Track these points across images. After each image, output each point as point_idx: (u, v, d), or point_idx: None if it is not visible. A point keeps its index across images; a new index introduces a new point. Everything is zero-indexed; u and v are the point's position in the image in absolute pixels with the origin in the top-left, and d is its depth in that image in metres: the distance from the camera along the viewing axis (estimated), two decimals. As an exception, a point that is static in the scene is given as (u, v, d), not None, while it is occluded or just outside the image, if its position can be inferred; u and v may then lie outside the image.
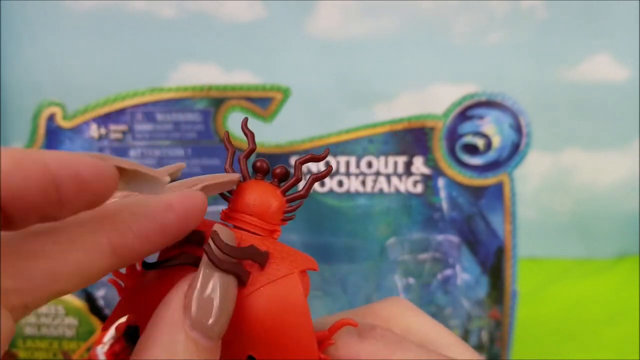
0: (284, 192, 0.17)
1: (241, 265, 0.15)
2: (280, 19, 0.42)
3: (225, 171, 0.18)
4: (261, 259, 0.16)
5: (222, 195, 0.17)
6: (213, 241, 0.15)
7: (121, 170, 0.14)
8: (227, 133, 0.18)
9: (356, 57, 0.46)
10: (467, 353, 0.19)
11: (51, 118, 0.39)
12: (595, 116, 0.50)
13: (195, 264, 0.15)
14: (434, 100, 0.47)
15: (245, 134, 0.18)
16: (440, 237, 0.39)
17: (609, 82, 0.48)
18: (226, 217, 0.17)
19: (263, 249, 0.16)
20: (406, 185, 0.39)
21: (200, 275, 0.15)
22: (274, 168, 0.18)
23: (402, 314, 0.20)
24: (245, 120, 0.18)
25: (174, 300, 0.14)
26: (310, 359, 0.16)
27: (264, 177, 0.18)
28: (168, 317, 0.14)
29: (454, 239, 0.39)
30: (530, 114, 0.37)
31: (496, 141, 0.38)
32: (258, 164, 0.18)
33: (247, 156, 0.18)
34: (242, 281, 0.15)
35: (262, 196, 0.17)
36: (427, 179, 0.39)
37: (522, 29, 0.46)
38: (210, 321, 0.14)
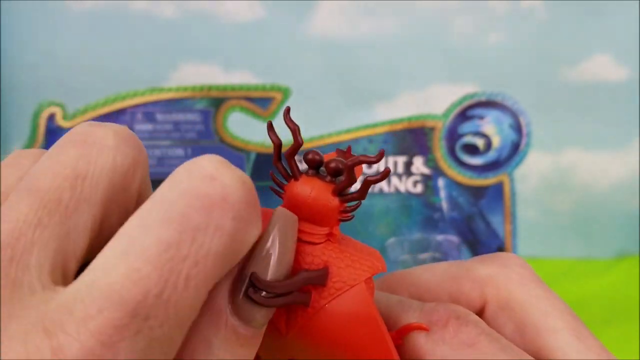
0: (339, 193, 0.15)
1: (297, 292, 0.14)
2: (280, 19, 0.42)
3: (275, 166, 0.16)
4: (319, 279, 0.14)
5: (273, 190, 0.16)
6: (253, 283, 0.13)
7: None
8: (270, 122, 0.16)
9: (356, 57, 0.46)
10: (574, 343, 0.15)
11: (51, 118, 0.39)
12: (595, 116, 0.50)
13: None
14: (434, 100, 0.47)
15: (290, 128, 0.16)
16: (440, 237, 0.39)
17: (609, 82, 0.48)
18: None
19: (321, 261, 0.15)
20: (406, 185, 0.39)
21: None
22: (326, 162, 0.15)
23: (505, 282, 0.17)
24: (288, 110, 0.16)
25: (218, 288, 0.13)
26: None
27: (318, 172, 0.16)
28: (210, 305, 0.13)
29: (454, 239, 0.39)
30: (530, 114, 0.37)
31: (496, 141, 0.38)
32: (310, 156, 0.15)
33: (294, 153, 0.16)
34: (304, 304, 0.14)
35: (318, 195, 0.15)
36: (427, 179, 0.39)
37: (522, 29, 0.46)
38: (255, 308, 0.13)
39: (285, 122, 0.16)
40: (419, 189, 0.39)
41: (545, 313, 0.16)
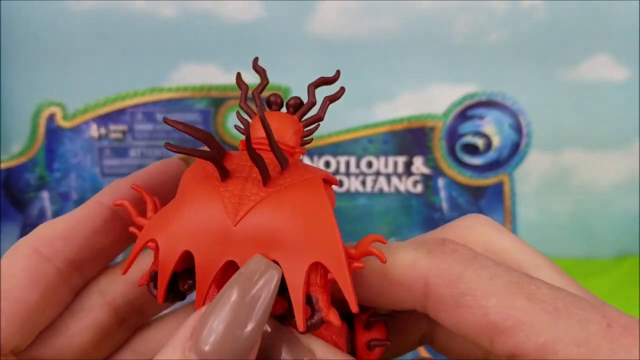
0: (300, 117, 0.17)
1: (264, 162, 0.14)
2: (280, 19, 0.42)
3: (240, 107, 0.17)
4: (283, 159, 0.15)
5: (237, 128, 0.17)
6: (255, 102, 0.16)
7: None
8: (239, 73, 0.18)
9: (356, 57, 0.46)
10: (556, 276, 0.16)
11: (51, 118, 0.39)
12: (595, 116, 0.50)
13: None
14: (434, 100, 0.47)
15: (257, 71, 0.18)
16: (440, 237, 0.39)
17: (609, 82, 0.48)
18: (244, 147, 0.16)
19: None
20: (406, 185, 0.39)
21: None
22: (287, 100, 0.18)
23: (483, 231, 0.18)
24: (256, 60, 0.18)
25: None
26: (337, 264, 0.14)
27: (279, 110, 0.18)
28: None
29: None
30: (530, 114, 0.37)
31: (496, 141, 0.38)
32: (272, 97, 0.18)
33: (261, 91, 0.18)
34: (263, 177, 0.15)
35: (279, 122, 0.17)
36: (427, 179, 0.39)
37: (522, 29, 0.46)
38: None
39: (254, 67, 0.18)
40: (419, 189, 0.39)
41: (524, 252, 0.17)
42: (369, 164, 0.39)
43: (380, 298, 0.16)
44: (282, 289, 0.14)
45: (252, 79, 0.18)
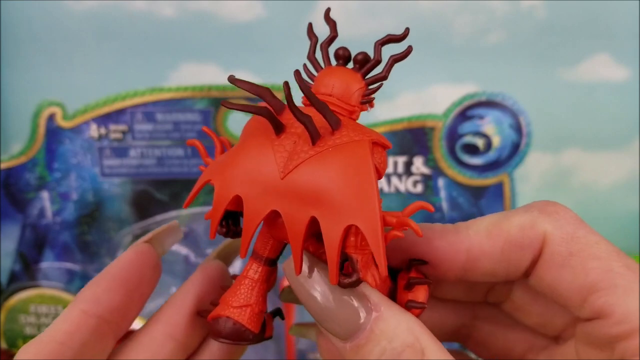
0: (364, 75, 0.17)
1: (312, 122, 0.15)
2: (280, 19, 0.42)
3: (308, 59, 0.18)
4: (333, 120, 0.16)
5: (299, 83, 0.17)
6: (295, 77, 0.15)
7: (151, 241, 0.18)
8: (310, 24, 0.18)
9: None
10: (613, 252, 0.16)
11: (51, 118, 0.39)
12: (595, 116, 0.50)
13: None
14: (434, 100, 0.47)
15: (328, 22, 0.18)
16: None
17: (609, 82, 0.48)
18: (307, 102, 0.17)
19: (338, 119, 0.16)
20: (406, 185, 0.39)
21: None
22: (355, 55, 0.18)
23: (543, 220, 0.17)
24: (328, 10, 0.19)
25: None
26: (372, 229, 0.14)
27: (345, 64, 0.18)
28: None
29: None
30: (530, 114, 0.37)
31: (496, 141, 0.38)
32: (340, 51, 0.18)
33: (329, 43, 0.18)
34: (312, 137, 0.15)
35: (342, 78, 0.17)
36: (427, 179, 0.39)
37: (522, 29, 0.46)
38: None
39: (325, 18, 0.18)
40: (419, 188, 0.39)
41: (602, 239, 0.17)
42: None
43: (498, 265, 0.17)
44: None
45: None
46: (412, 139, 0.38)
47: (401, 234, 0.15)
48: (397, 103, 0.48)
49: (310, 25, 0.18)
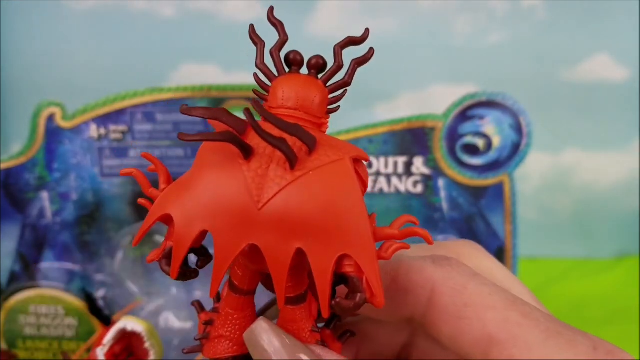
0: (325, 82, 0.16)
1: (288, 145, 0.13)
2: (281, 19, 0.42)
3: (257, 67, 0.16)
4: (309, 140, 0.14)
5: (255, 92, 0.16)
6: (255, 107, 0.14)
7: None
8: (252, 26, 0.16)
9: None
10: (534, 302, 0.17)
11: (51, 118, 0.39)
12: (595, 116, 0.50)
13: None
14: (434, 100, 0.47)
15: (274, 24, 0.16)
16: (440, 238, 0.39)
17: (609, 82, 0.48)
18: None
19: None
20: (406, 185, 0.39)
21: None
22: (309, 59, 0.16)
23: (474, 255, 0.19)
24: (271, 9, 0.16)
25: None
26: (366, 249, 0.14)
27: (299, 70, 0.16)
28: None
29: (454, 239, 0.39)
30: (530, 114, 0.37)
31: (496, 141, 0.38)
32: (292, 55, 0.16)
33: (279, 48, 0.16)
34: (290, 161, 0.14)
35: (303, 88, 0.15)
36: (427, 179, 0.39)
37: (522, 29, 0.46)
38: None
39: (269, 19, 0.16)
40: (419, 189, 0.39)
41: (507, 279, 0.19)
42: (369, 164, 0.39)
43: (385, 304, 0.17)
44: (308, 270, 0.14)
45: (251, 78, 0.17)
46: (412, 139, 0.38)
47: (407, 245, 0.15)
48: (397, 103, 0.48)
49: (252, 27, 0.16)
